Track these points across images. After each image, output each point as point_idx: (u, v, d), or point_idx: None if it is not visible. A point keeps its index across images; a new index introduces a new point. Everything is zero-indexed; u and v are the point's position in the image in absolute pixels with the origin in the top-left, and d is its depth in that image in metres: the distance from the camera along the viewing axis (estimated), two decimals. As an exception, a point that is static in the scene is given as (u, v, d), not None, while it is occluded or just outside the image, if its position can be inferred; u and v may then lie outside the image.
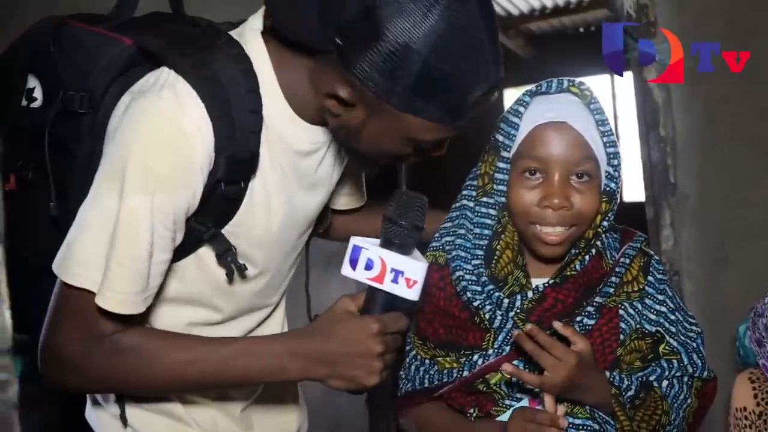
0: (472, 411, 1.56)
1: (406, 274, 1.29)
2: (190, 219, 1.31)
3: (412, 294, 1.30)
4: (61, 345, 1.27)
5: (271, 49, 1.32)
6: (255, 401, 1.58)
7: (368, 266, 1.29)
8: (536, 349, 1.44)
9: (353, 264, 1.30)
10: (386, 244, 1.31)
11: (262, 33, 1.34)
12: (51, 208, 1.37)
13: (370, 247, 1.30)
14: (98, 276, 1.25)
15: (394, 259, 1.29)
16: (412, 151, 1.33)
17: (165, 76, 1.28)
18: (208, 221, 1.33)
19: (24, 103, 1.42)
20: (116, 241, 1.24)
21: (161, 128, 1.24)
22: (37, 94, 1.40)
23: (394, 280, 1.29)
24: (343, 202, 1.71)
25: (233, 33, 1.36)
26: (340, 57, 1.21)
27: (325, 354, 1.29)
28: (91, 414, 1.54)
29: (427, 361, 1.61)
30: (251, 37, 1.33)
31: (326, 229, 1.69)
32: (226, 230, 1.35)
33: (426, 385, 1.60)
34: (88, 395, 1.54)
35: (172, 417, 1.48)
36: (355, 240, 1.31)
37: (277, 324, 1.59)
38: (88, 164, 1.34)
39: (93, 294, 1.25)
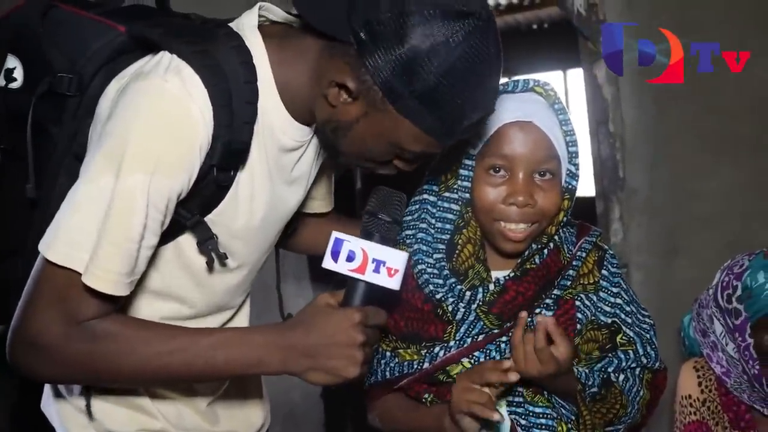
0: (427, 396, 1.60)
1: (387, 264, 1.32)
2: (177, 205, 1.31)
3: (394, 283, 1.33)
4: (36, 328, 1.24)
5: (268, 45, 1.34)
6: (221, 396, 1.58)
7: (350, 258, 1.32)
8: (521, 346, 1.45)
9: (335, 256, 1.32)
10: (367, 236, 1.34)
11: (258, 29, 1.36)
12: (27, 189, 1.35)
13: (351, 240, 1.32)
14: (86, 256, 1.23)
15: (375, 249, 1.32)
16: (391, 158, 1.37)
17: (167, 60, 1.29)
18: (194, 208, 1.34)
19: (1, 83, 1.40)
20: (109, 220, 1.23)
21: (167, 111, 1.25)
22: (18, 74, 1.39)
23: (376, 270, 1.32)
24: (311, 206, 1.72)
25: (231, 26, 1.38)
26: (360, 50, 1.24)
27: (306, 346, 1.29)
28: (50, 406, 1.51)
29: (388, 354, 1.64)
30: (249, 32, 1.35)
31: (292, 235, 1.71)
32: (209, 219, 1.36)
33: (387, 377, 1.63)
34: (49, 386, 1.51)
35: (138, 409, 1.46)
36: (336, 234, 1.33)
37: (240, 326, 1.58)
38: (67, 148, 1.34)
39: (78, 275, 1.23)
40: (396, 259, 1.33)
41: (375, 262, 1.32)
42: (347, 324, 1.29)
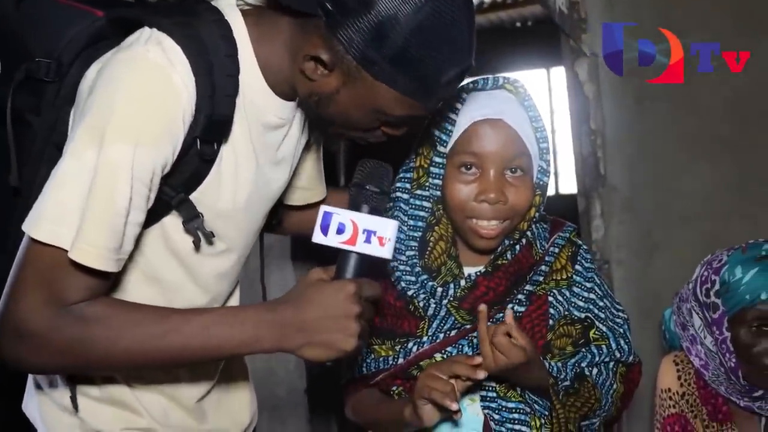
0: (395, 388, 1.62)
1: (378, 233, 1.31)
2: (161, 181, 1.29)
3: (386, 252, 1.32)
4: (23, 313, 1.21)
5: (247, 22, 1.35)
6: (208, 393, 1.55)
7: (340, 230, 1.31)
8: (487, 340, 1.47)
9: (324, 230, 1.32)
10: (355, 208, 1.33)
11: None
12: (10, 179, 1.33)
13: (340, 212, 1.32)
14: (71, 233, 1.20)
15: (365, 219, 1.32)
16: (378, 125, 1.37)
17: (147, 33, 1.29)
18: (178, 185, 1.33)
19: None
20: (93, 193, 1.21)
21: (148, 80, 1.25)
22: None
23: (367, 240, 1.31)
24: (304, 196, 1.70)
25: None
26: (328, 22, 1.25)
27: (300, 321, 1.27)
28: (32, 407, 1.48)
29: (363, 350, 1.64)
30: (229, 9, 1.36)
31: (281, 222, 1.70)
32: (193, 197, 1.35)
33: (363, 373, 1.64)
34: (31, 384, 1.49)
35: (123, 407, 1.44)
36: (324, 207, 1.33)
37: None
38: (47, 137, 1.33)
39: (64, 252, 1.21)
40: (386, 227, 1.32)
41: (365, 232, 1.31)
42: (342, 295, 1.27)
